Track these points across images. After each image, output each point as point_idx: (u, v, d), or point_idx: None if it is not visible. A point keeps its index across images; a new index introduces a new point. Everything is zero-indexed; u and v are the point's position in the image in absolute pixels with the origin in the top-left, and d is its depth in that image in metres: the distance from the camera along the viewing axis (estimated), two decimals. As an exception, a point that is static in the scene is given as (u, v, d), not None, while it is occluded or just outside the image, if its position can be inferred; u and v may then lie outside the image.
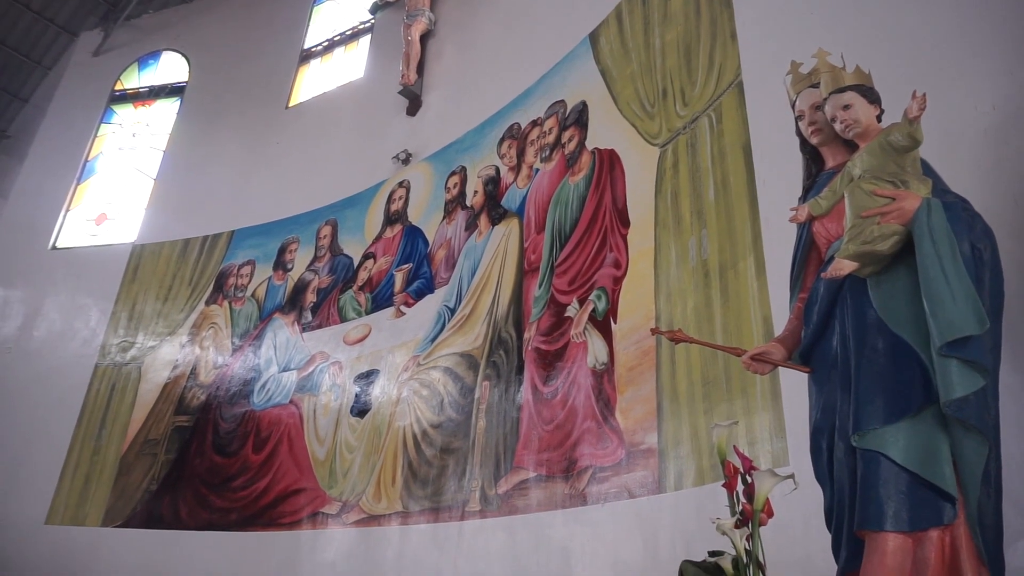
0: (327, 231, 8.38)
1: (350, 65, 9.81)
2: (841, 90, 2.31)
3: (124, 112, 11.35)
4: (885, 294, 2.10)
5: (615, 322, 4.85)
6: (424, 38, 8.71)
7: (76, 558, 7.58)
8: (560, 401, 5.06)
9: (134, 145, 10.95)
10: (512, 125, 6.84)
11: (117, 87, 11.51)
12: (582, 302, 5.19)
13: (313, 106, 9.66)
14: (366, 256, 7.82)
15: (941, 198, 2.08)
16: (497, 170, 6.84)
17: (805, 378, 2.37)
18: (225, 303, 8.70)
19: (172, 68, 11.42)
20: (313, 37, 10.56)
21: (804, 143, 2.57)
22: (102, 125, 11.20)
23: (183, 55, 11.41)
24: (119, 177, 10.67)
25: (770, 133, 3.91)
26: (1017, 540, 2.19)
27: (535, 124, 6.54)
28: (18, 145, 12.78)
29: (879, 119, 2.33)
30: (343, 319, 7.60)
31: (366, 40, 9.83)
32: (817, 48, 2.48)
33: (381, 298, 7.37)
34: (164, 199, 10.05)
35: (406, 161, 7.99)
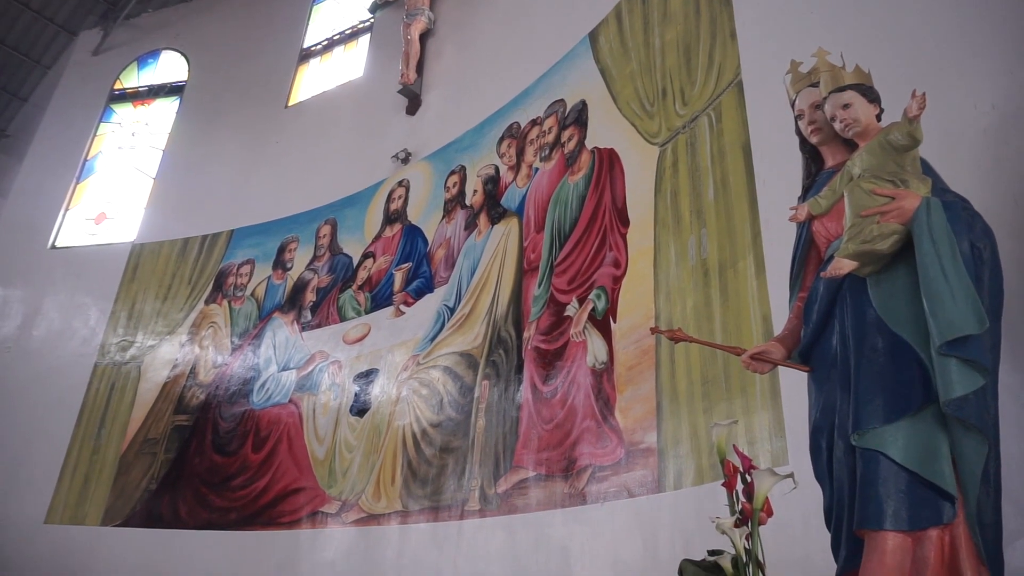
0: (326, 230, 8.37)
1: (349, 64, 9.81)
2: (841, 89, 2.31)
3: (123, 111, 11.34)
4: (885, 293, 2.10)
5: (614, 321, 4.85)
6: (423, 37, 8.71)
7: (75, 557, 7.58)
8: (559, 400, 5.06)
9: (133, 144, 10.94)
10: (512, 124, 6.84)
11: (116, 86, 11.50)
12: (581, 301, 5.18)
13: (312, 105, 9.65)
14: (365, 255, 7.81)
15: (941, 197, 2.08)
16: (496, 169, 6.84)
17: (804, 377, 2.37)
18: (224, 302, 8.70)
19: (171, 67, 11.41)
20: (312, 36, 10.55)
21: (804, 142, 2.57)
22: (101, 124, 11.19)
23: (182, 54, 11.40)
24: (118, 176, 10.66)
25: (770, 132, 3.91)
26: (1016, 539, 2.19)
27: (534, 123, 6.53)
28: (17, 144, 12.76)
29: (879, 118, 2.33)
30: (342, 318, 7.59)
31: (365, 39, 9.82)
32: (817, 47, 2.48)
33: (380, 297, 7.36)
34: (163, 198, 10.04)
35: (405, 160, 7.98)
